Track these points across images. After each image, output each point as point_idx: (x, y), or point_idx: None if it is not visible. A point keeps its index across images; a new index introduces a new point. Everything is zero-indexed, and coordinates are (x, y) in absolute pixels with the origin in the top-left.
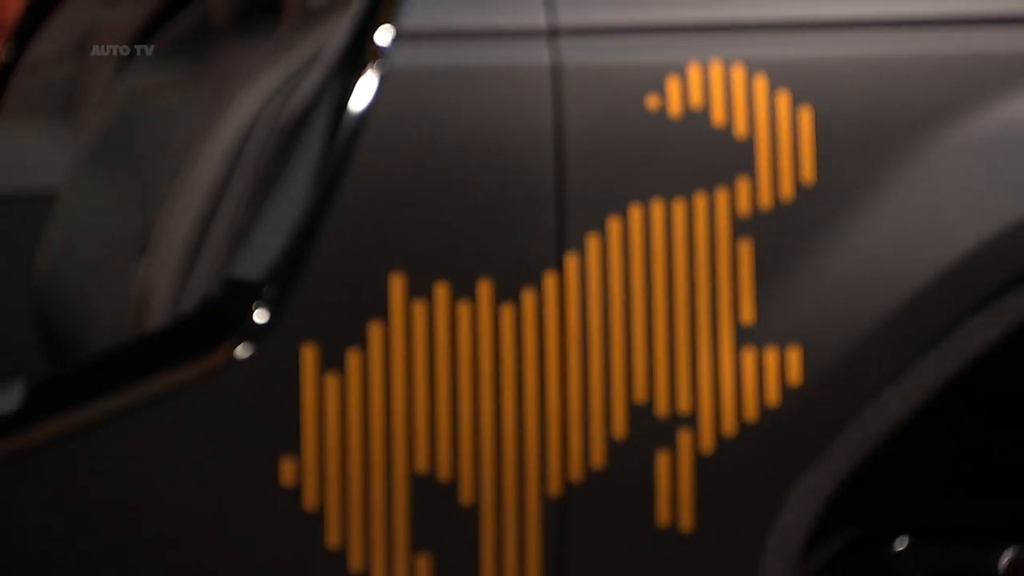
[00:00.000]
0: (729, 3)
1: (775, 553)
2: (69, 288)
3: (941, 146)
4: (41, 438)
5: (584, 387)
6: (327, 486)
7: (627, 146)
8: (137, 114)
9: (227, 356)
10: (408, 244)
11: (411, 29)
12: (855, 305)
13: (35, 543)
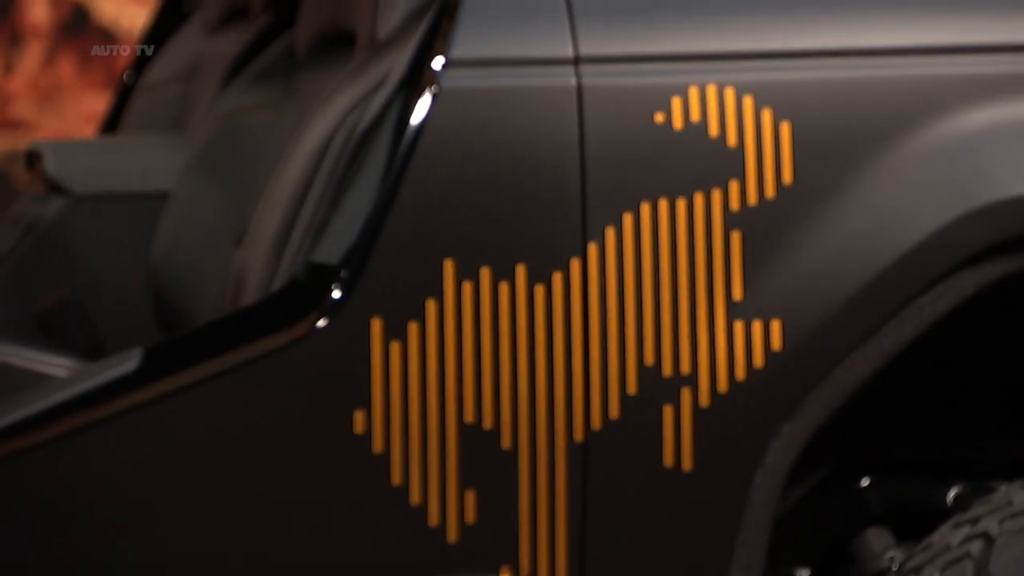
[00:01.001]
0: (722, 37)
1: (760, 488)
2: (178, 271)
3: (896, 154)
4: (156, 394)
5: (603, 352)
6: (391, 433)
7: (638, 154)
8: (235, 128)
9: (309, 327)
10: (458, 235)
11: (460, 58)
12: (826, 284)
13: (153, 481)
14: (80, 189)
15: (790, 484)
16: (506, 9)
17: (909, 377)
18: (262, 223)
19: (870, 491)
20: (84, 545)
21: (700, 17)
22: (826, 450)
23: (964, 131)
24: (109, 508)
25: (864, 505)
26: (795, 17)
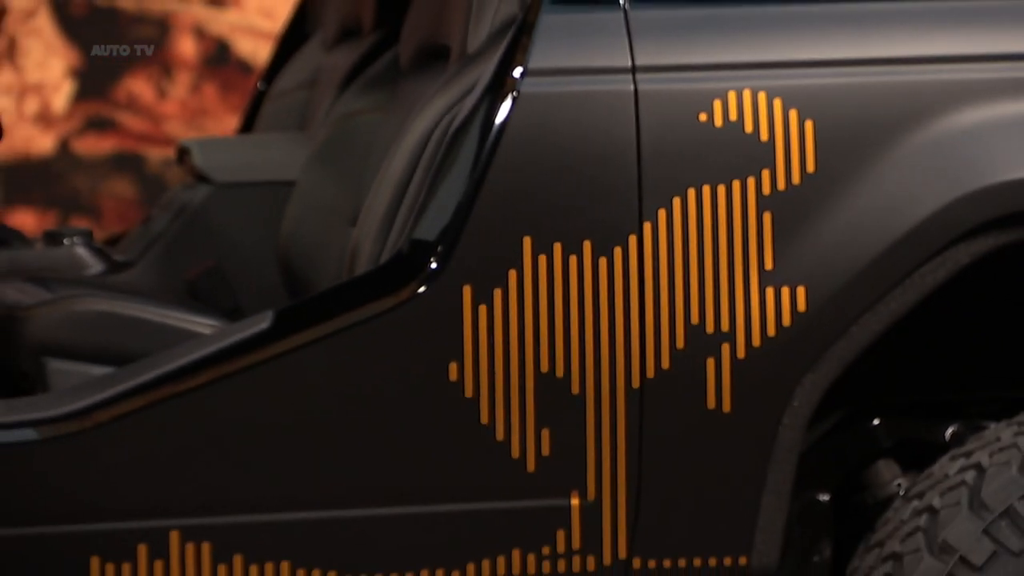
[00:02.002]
0: (755, 50)
1: (788, 427)
2: (303, 247)
3: (901, 147)
4: (285, 349)
5: (656, 312)
6: (480, 381)
7: (685, 148)
8: (349, 128)
9: (411, 293)
10: (535, 216)
11: (536, 68)
12: (843, 256)
13: (281, 418)
14: (221, 179)
15: (813, 423)
16: (574, 27)
17: (914, 333)
18: (372, 206)
19: (880, 429)
20: (224, 468)
21: (736, 33)
22: (843, 395)
23: (958, 128)
24: (246, 441)
25: (875, 441)
26: (816, 32)
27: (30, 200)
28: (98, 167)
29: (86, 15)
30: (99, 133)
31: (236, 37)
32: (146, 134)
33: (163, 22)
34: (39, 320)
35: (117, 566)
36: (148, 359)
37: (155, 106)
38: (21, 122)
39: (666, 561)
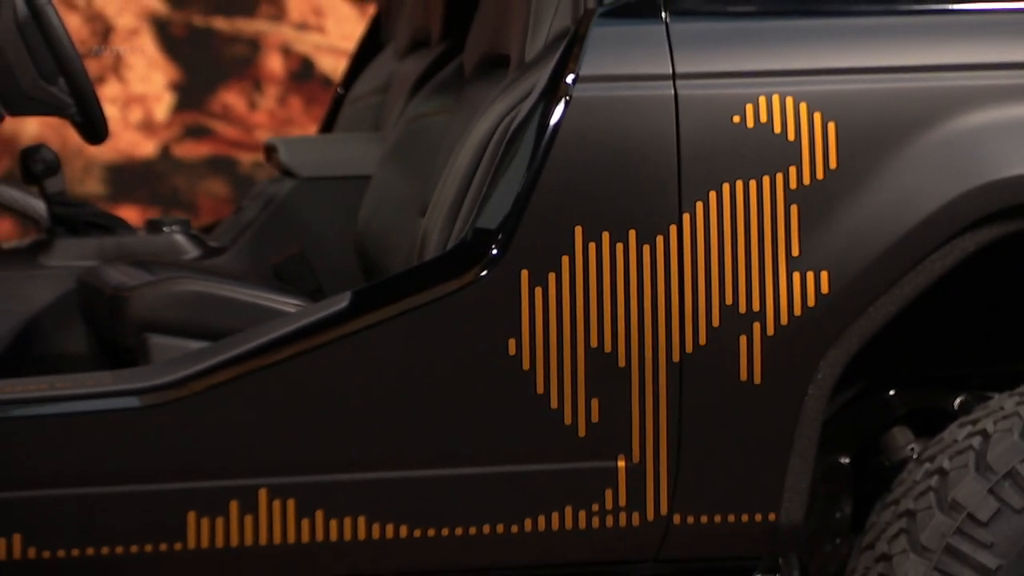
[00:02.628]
0: (783, 59)
1: (812, 397)
2: (377, 235)
3: (914, 146)
4: (361, 326)
5: (694, 294)
6: (536, 355)
7: (720, 147)
8: (419, 129)
9: (475, 276)
10: (585, 207)
11: (586, 75)
12: (862, 245)
13: (356, 387)
14: (305, 173)
15: (835, 394)
16: (621, 38)
17: (925, 313)
18: (440, 199)
19: (895, 399)
20: (306, 433)
21: (766, 44)
22: (862, 368)
23: (964, 129)
24: (326, 408)
25: (891, 410)
26: (837, 43)
27: (134, 197)
28: (195, 169)
29: (185, 35)
30: (196, 139)
31: (319, 56)
32: (238, 140)
33: (255, 42)
34: (142, 299)
35: (211, 520)
36: (239, 335)
37: (246, 116)
38: (126, 129)
39: (703, 517)
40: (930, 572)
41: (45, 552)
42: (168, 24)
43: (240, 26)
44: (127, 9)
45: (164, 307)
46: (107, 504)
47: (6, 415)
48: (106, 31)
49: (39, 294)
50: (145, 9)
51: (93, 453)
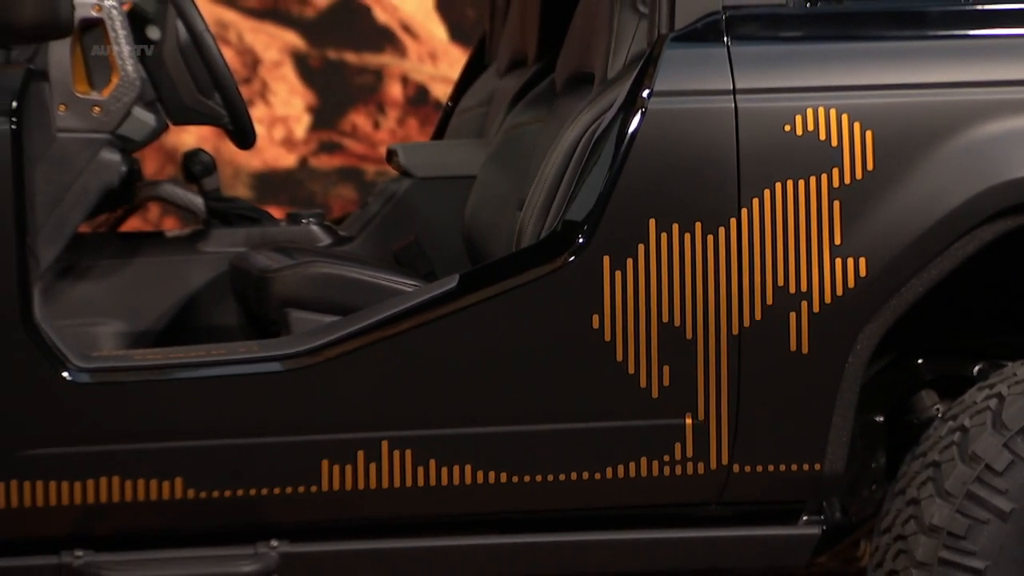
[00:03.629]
0: (827, 77)
1: (851, 364)
2: (481, 226)
3: (941, 151)
4: (468, 303)
5: (750, 277)
6: (616, 328)
7: (773, 151)
8: (516, 136)
9: (564, 261)
10: (657, 202)
11: (660, 90)
12: (895, 235)
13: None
14: (420, 174)
15: (871, 362)
16: (689, 59)
17: (950, 294)
18: (534, 195)
19: (923, 367)
20: (421, 393)
21: (813, 64)
22: (895, 340)
23: (984, 136)
24: (437, 372)
25: (919, 376)
26: (874, 63)
27: (276, 201)
28: (327, 177)
29: (321, 66)
30: (329, 153)
31: (432, 84)
32: (364, 154)
33: (379, 72)
34: (283, 280)
35: (341, 467)
36: (364, 310)
37: (371, 134)
38: (271, 144)
39: (758, 466)
40: (953, 514)
41: (202, 493)
42: (307, 57)
43: (367, 59)
44: (272, 45)
45: (302, 286)
46: (254, 452)
47: (171, 377)
48: (255, 63)
49: (197, 276)
50: (288, 44)
51: (243, 410)
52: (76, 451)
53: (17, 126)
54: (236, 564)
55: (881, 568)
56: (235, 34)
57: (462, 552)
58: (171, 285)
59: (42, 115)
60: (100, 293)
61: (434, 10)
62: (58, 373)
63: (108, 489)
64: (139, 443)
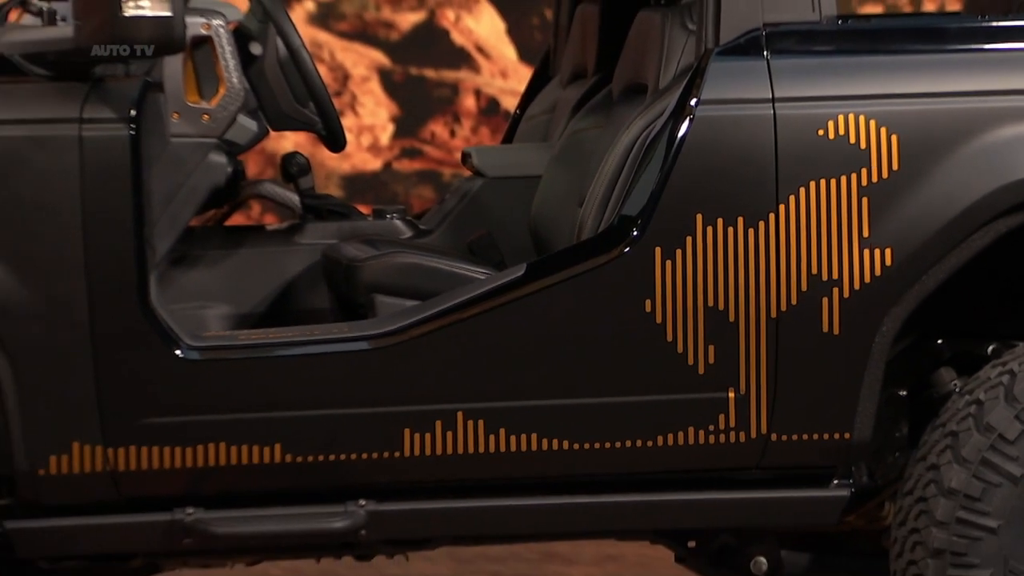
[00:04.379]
0: (856, 86)
1: (878, 344)
2: (546, 220)
3: (959, 153)
4: (534, 289)
5: (787, 265)
6: (667, 312)
7: (808, 153)
8: (577, 140)
9: (620, 252)
10: (704, 199)
11: (707, 99)
12: (918, 228)
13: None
14: (492, 174)
15: (895, 342)
16: (733, 71)
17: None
18: (593, 193)
19: (942, 346)
20: (492, 369)
21: (843, 75)
22: (917, 322)
23: (998, 139)
24: (506, 350)
25: (939, 354)
26: (898, 74)
27: (364, 200)
28: (409, 179)
29: (403, 81)
30: (410, 158)
31: (502, 97)
32: (441, 159)
33: (455, 86)
34: (370, 268)
35: (421, 435)
36: (442, 296)
37: (448, 141)
38: (359, 150)
39: (794, 435)
40: (969, 478)
41: (298, 457)
42: (391, 73)
43: (444, 75)
44: (360, 62)
45: (387, 274)
46: (344, 422)
47: (271, 355)
48: (345, 78)
49: (294, 265)
50: (374, 62)
51: (334, 384)
52: (187, 420)
53: (136, 132)
54: (328, 521)
55: (904, 527)
56: (328, 52)
57: (528, 511)
58: (271, 273)
59: (158, 122)
60: (208, 280)
61: (505, 34)
62: (171, 351)
63: (215, 454)
64: (243, 413)
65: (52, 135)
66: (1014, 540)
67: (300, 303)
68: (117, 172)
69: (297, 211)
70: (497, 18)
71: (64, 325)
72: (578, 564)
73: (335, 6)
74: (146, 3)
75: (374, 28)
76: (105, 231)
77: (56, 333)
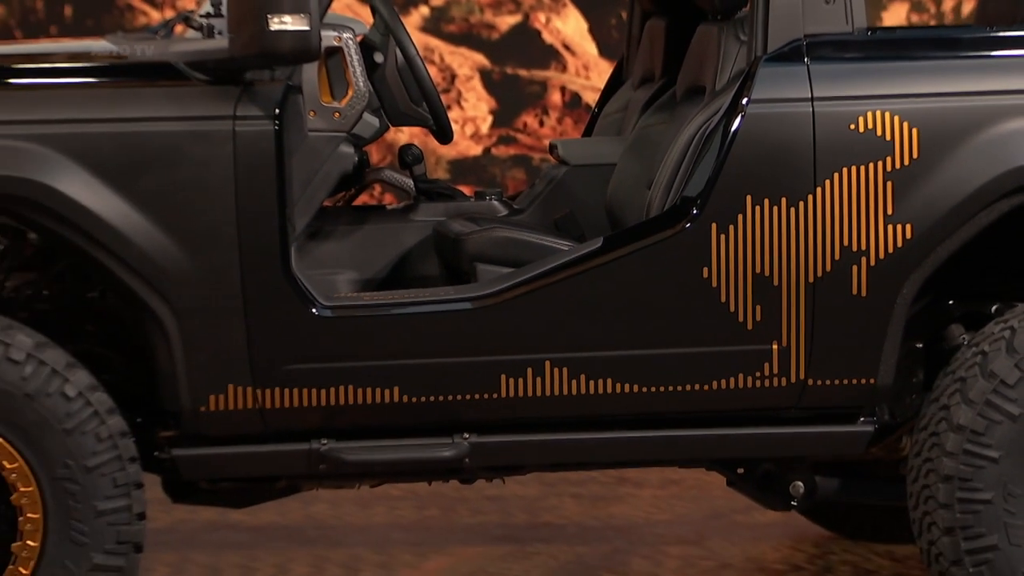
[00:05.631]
0: (881, 87)
1: (899, 304)
2: (620, 202)
3: (969, 143)
4: (611, 258)
5: (823, 238)
6: (721, 277)
7: (841, 144)
8: (646, 134)
9: (682, 227)
10: (753, 182)
11: (756, 98)
12: (934, 206)
13: (606, 297)
14: (574, 162)
15: (914, 302)
16: (778, 74)
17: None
18: (659, 178)
19: (953, 306)
20: (574, 324)
21: (871, 78)
22: (932, 286)
23: (1003, 132)
24: (586, 309)
25: (950, 313)
26: (917, 77)
27: (467, 181)
28: (505, 163)
29: (501, 79)
30: (506, 145)
31: (584, 92)
32: (532, 146)
33: (544, 83)
34: (473, 241)
35: (516, 380)
36: (532, 264)
37: (537, 130)
38: (463, 138)
39: (827, 380)
40: (975, 417)
41: (414, 398)
42: (491, 72)
43: (535, 74)
44: (465, 63)
45: (486, 246)
46: (451, 368)
47: (390, 313)
48: (452, 77)
49: (409, 238)
50: (477, 63)
51: (442, 337)
52: (321, 367)
53: (279, 127)
54: (438, 450)
55: (919, 457)
56: (438, 55)
57: (604, 443)
58: (389, 245)
59: (297, 119)
60: (338, 251)
61: (587, 33)
62: (308, 310)
63: (344, 395)
64: (367, 361)
65: (210, 130)
66: (1012, 468)
67: (414, 270)
68: (264, 161)
69: (412, 193)
70: (581, 19)
71: (220, 288)
72: (646, 487)
73: (445, 10)
74: (288, 20)
75: (478, 29)
76: (254, 210)
77: (214, 294)
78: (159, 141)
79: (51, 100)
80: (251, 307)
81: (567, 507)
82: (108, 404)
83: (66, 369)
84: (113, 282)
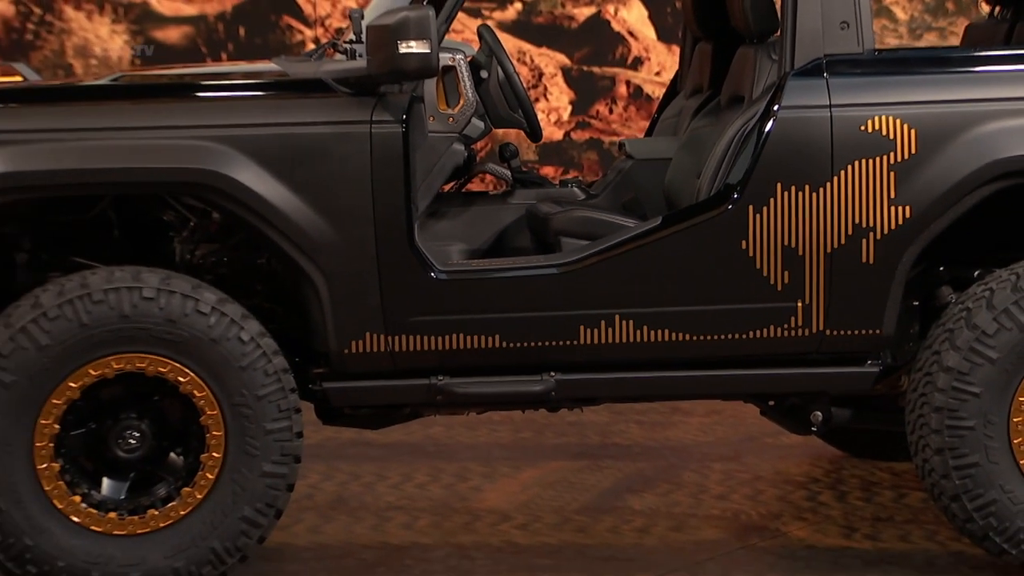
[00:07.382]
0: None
1: (899, 271)
2: (675, 188)
3: (960, 139)
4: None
5: (838, 217)
6: (758, 248)
7: (853, 141)
8: (696, 136)
9: (725, 208)
10: (783, 172)
11: (785, 105)
12: (930, 190)
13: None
14: (639, 156)
15: (912, 268)
16: (803, 86)
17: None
18: (707, 169)
19: (944, 272)
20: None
21: (879, 89)
22: (927, 256)
23: (989, 130)
24: (649, 275)
25: (941, 277)
26: (917, 88)
27: (550, 162)
28: (581, 146)
29: (578, 75)
30: (582, 130)
31: (647, 86)
32: (603, 129)
33: (614, 78)
34: (558, 219)
35: (592, 330)
36: (604, 237)
37: (608, 117)
38: (548, 125)
39: (842, 331)
40: (961, 360)
41: (510, 344)
42: (571, 70)
43: (606, 70)
44: (550, 63)
45: (569, 223)
46: (540, 321)
47: (493, 276)
48: (540, 74)
49: (507, 217)
50: (560, 62)
51: (534, 295)
52: (438, 319)
53: (406, 130)
54: (530, 385)
55: (915, 392)
56: (528, 57)
57: (662, 380)
58: (492, 222)
59: (419, 123)
60: (451, 227)
61: (648, 19)
62: (428, 274)
63: (457, 341)
64: (474, 314)
65: (352, 132)
66: (991, 401)
67: (511, 243)
68: (394, 156)
69: (509, 182)
70: (642, 8)
71: (359, 256)
72: (694, 416)
73: (534, 5)
74: (414, 44)
75: (561, 20)
76: (386, 195)
77: (354, 261)
78: (313, 141)
79: (231, 109)
80: (383, 271)
81: (631, 431)
82: (273, 347)
83: (242, 319)
84: (277, 251)
